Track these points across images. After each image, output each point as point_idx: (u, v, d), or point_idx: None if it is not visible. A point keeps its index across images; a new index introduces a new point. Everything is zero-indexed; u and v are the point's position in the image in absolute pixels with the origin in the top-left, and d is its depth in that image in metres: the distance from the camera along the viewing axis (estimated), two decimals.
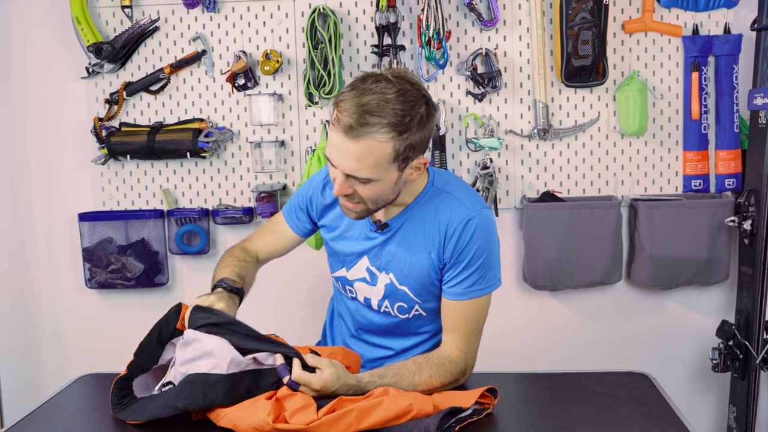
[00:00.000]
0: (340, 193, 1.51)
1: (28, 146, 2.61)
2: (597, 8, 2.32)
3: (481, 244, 1.57)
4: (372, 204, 1.53)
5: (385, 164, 1.45)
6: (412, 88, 1.45)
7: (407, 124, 1.43)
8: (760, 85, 2.29)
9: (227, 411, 1.32)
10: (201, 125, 2.50)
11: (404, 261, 1.61)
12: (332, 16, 2.37)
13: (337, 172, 1.48)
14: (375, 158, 1.44)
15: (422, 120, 1.47)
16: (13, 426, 1.40)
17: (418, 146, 1.49)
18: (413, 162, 1.51)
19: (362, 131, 1.41)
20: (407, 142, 1.45)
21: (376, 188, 1.49)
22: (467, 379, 1.59)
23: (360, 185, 1.49)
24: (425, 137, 1.50)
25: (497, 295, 2.54)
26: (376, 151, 1.43)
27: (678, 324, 2.54)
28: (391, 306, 1.67)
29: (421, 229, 1.60)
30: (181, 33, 2.50)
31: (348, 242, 1.68)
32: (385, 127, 1.41)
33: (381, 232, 1.62)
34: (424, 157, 1.53)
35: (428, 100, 1.49)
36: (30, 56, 2.57)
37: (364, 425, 1.24)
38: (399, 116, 1.42)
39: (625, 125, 2.41)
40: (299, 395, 1.32)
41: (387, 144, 1.43)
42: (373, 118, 1.41)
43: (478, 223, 1.57)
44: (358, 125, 1.41)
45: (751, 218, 2.31)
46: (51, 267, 2.66)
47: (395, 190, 1.54)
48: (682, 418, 1.33)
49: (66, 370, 2.66)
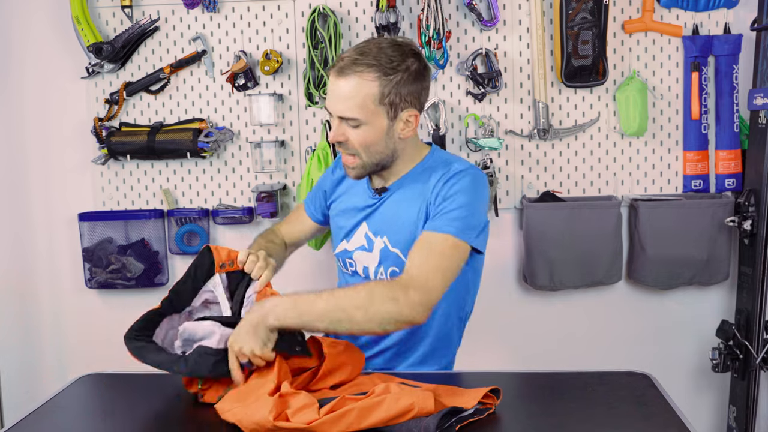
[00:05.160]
0: (334, 139, 1.63)
1: (28, 146, 2.61)
2: (597, 8, 2.32)
3: (463, 187, 1.61)
4: (366, 155, 1.63)
5: (371, 105, 1.57)
6: (406, 44, 1.62)
7: (394, 68, 1.57)
8: (760, 85, 2.29)
9: (233, 405, 1.32)
10: (201, 125, 2.50)
11: (396, 219, 1.68)
12: (332, 16, 2.37)
13: (333, 119, 1.62)
14: (362, 97, 1.56)
15: (411, 71, 1.59)
16: (14, 426, 1.40)
17: (407, 96, 1.60)
18: (403, 114, 1.61)
19: (351, 70, 1.56)
20: (393, 85, 1.57)
21: (366, 134, 1.60)
22: (414, 311, 1.46)
23: (351, 130, 1.60)
24: (416, 90, 1.61)
25: (497, 295, 2.56)
26: (363, 89, 1.56)
27: (678, 324, 2.55)
28: (385, 272, 1.70)
29: (415, 189, 1.68)
30: (181, 33, 2.50)
31: (350, 213, 1.78)
32: (372, 68, 1.56)
33: (379, 197, 1.72)
34: (415, 110, 1.62)
35: (421, 58, 1.63)
36: (30, 56, 2.57)
37: (365, 424, 1.23)
38: (387, 59, 1.57)
39: (625, 125, 2.41)
40: (303, 394, 1.32)
41: (373, 83, 1.56)
42: (363, 58, 1.57)
43: (466, 173, 1.63)
44: (348, 65, 1.57)
45: (751, 218, 2.31)
46: (51, 267, 2.66)
47: (387, 144, 1.63)
48: (683, 418, 1.33)
49: (66, 370, 2.66)
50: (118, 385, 1.64)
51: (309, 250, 2.42)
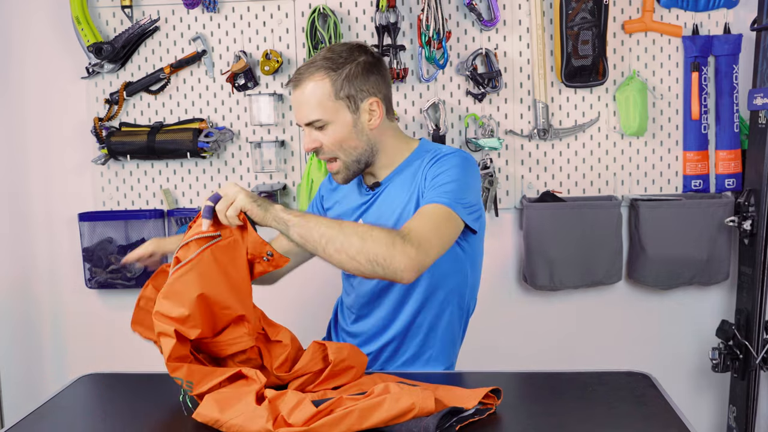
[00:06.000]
0: (308, 148, 1.67)
1: (28, 146, 2.62)
2: (597, 8, 2.33)
3: (453, 165, 1.62)
4: (343, 154, 1.66)
5: (329, 102, 1.61)
6: (354, 42, 1.70)
7: (342, 63, 1.62)
8: (760, 85, 2.29)
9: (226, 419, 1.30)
10: (201, 125, 2.50)
11: (391, 209, 1.68)
12: (332, 16, 2.37)
13: (304, 130, 1.67)
14: (317, 97, 1.61)
15: (360, 62, 1.64)
16: (14, 426, 1.40)
17: (362, 86, 1.63)
18: (364, 104, 1.64)
19: (303, 77, 1.63)
20: (344, 78, 1.61)
21: (335, 133, 1.63)
22: (405, 262, 1.43)
23: (320, 133, 1.64)
24: (371, 80, 1.65)
25: (497, 295, 2.57)
26: (317, 89, 1.61)
27: (678, 324, 2.55)
28: None
29: (406, 179, 1.69)
30: (181, 33, 2.50)
31: (347, 215, 1.79)
32: (320, 69, 1.62)
33: (373, 192, 1.73)
34: (375, 98, 1.65)
35: (370, 52, 1.68)
36: (30, 56, 2.57)
37: (366, 425, 1.23)
38: (334, 57, 1.63)
39: (625, 125, 2.41)
40: (289, 392, 1.32)
41: (324, 81, 1.61)
42: (311, 65, 1.63)
43: (455, 155, 1.65)
44: (299, 74, 1.64)
45: (751, 218, 2.31)
46: (51, 267, 2.66)
47: (360, 138, 1.66)
48: (683, 418, 1.33)
49: (66, 370, 2.66)
50: (118, 385, 1.64)
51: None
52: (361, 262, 1.43)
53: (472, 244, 1.72)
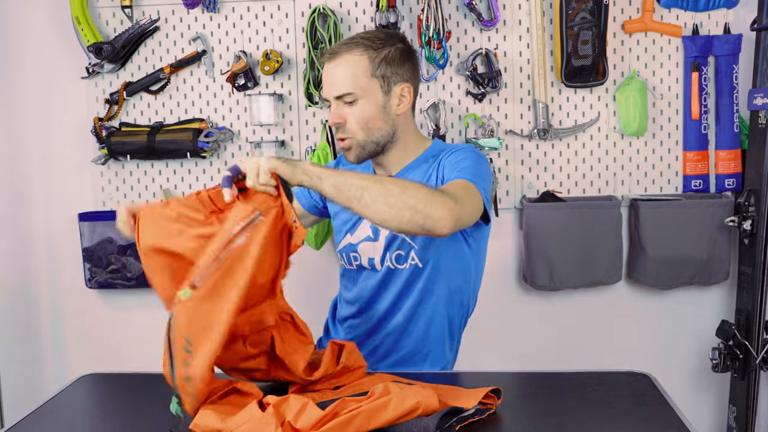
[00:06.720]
0: (333, 121, 1.67)
1: (28, 146, 2.61)
2: (597, 8, 2.32)
3: (468, 155, 1.66)
4: (366, 134, 1.66)
5: (364, 78, 1.64)
6: (392, 31, 1.77)
7: (381, 45, 1.66)
8: (760, 85, 2.29)
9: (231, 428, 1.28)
10: (201, 125, 2.50)
11: None
12: (332, 16, 2.37)
13: (331, 104, 1.68)
14: (353, 71, 1.64)
15: (398, 48, 1.68)
16: (14, 426, 1.40)
17: (398, 70, 1.67)
18: (396, 88, 1.67)
19: (340, 51, 1.65)
20: (382, 58, 1.65)
21: (363, 111, 1.65)
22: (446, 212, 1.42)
23: (348, 109, 1.65)
24: (406, 67, 1.69)
25: (497, 295, 2.57)
26: (354, 64, 1.64)
27: (678, 324, 2.55)
28: (391, 257, 1.71)
29: (419, 175, 1.71)
30: (181, 33, 2.50)
31: None
32: (360, 46, 1.65)
33: None
34: (409, 84, 1.68)
35: (407, 42, 1.73)
36: (30, 56, 2.57)
37: (374, 425, 1.23)
38: (373, 37, 1.67)
39: (625, 125, 2.41)
40: (291, 397, 1.31)
41: (362, 56, 1.64)
42: (350, 41, 1.67)
43: (469, 149, 1.70)
44: (337, 48, 1.67)
45: (751, 218, 2.31)
46: (51, 267, 2.66)
47: (386, 120, 1.67)
48: (683, 418, 1.33)
49: (66, 370, 2.66)
50: (118, 385, 1.64)
51: (309, 250, 2.42)
52: (401, 210, 1.38)
53: (479, 241, 1.73)
